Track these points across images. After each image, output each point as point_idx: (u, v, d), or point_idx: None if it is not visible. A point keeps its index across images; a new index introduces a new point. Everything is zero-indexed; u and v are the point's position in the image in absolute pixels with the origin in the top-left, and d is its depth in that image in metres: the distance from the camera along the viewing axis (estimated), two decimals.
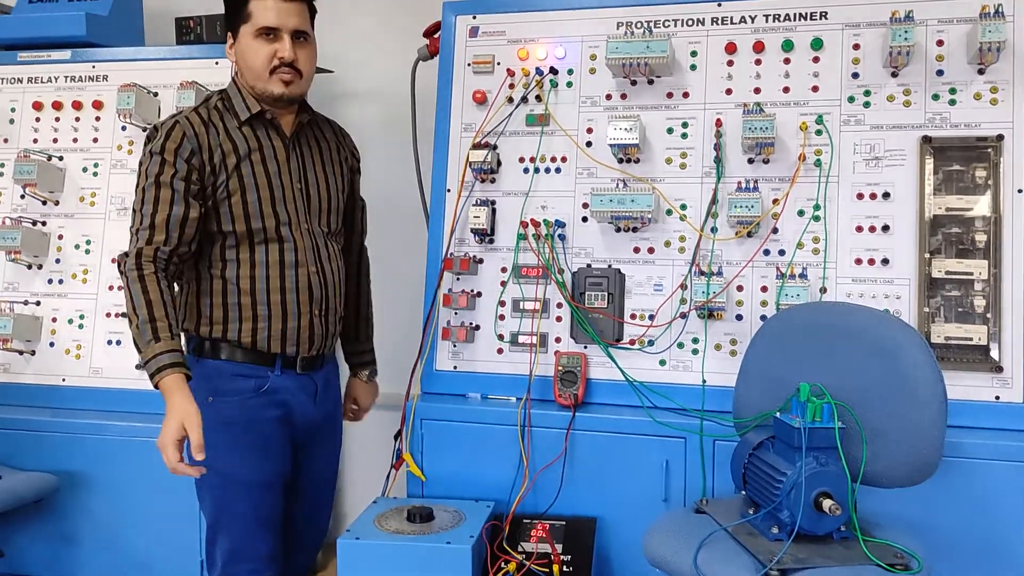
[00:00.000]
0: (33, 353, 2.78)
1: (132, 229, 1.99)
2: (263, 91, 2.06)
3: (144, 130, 2.80)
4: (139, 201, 1.99)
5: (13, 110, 2.93)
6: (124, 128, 2.83)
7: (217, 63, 2.79)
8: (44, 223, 2.84)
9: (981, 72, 2.27)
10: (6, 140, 2.92)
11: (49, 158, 2.83)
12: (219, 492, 2.04)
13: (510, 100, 2.58)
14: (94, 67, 2.90)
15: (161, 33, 3.19)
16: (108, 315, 2.76)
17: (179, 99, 2.70)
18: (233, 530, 2.05)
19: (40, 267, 2.83)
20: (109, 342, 2.75)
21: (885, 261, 2.30)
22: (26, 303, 2.80)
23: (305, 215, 2.12)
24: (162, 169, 1.97)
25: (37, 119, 2.91)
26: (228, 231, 2.03)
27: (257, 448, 2.05)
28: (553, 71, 2.56)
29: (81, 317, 2.78)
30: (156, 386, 1.88)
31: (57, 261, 2.82)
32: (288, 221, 2.08)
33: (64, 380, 2.75)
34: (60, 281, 2.81)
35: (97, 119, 2.88)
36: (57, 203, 2.85)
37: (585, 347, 2.47)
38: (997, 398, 2.19)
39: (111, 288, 2.77)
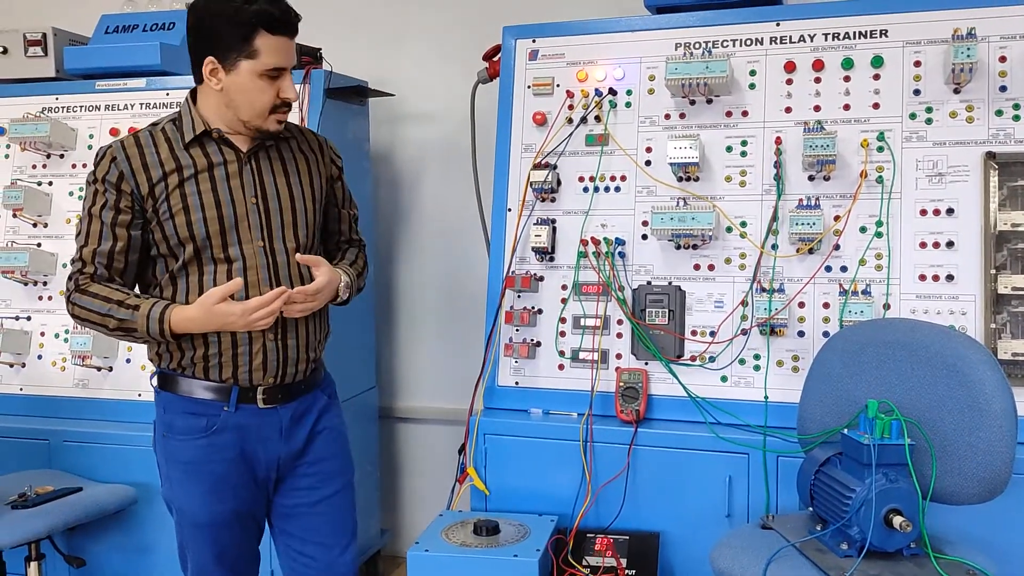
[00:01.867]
0: (111, 369, 2.89)
1: (71, 258, 1.96)
2: (257, 127, 1.95)
3: None
4: (76, 232, 1.95)
5: (91, 136, 3.06)
6: None
7: None
8: None
9: None
10: (85, 165, 3.05)
11: None
12: (179, 527, 2.03)
13: (569, 121, 2.63)
14: (168, 94, 3.02)
15: None
16: None
17: None
18: (195, 562, 2.04)
19: None
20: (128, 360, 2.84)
21: (950, 277, 2.29)
22: None
23: (262, 232, 1.96)
24: (94, 200, 1.92)
25: None
26: (173, 253, 1.93)
27: (208, 490, 1.95)
28: (612, 92, 2.61)
29: None
30: (173, 335, 1.88)
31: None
32: (238, 240, 1.94)
33: (140, 395, 2.85)
34: None
35: None
36: None
37: (646, 363, 2.50)
38: None
39: None
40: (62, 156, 3.07)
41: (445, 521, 2.39)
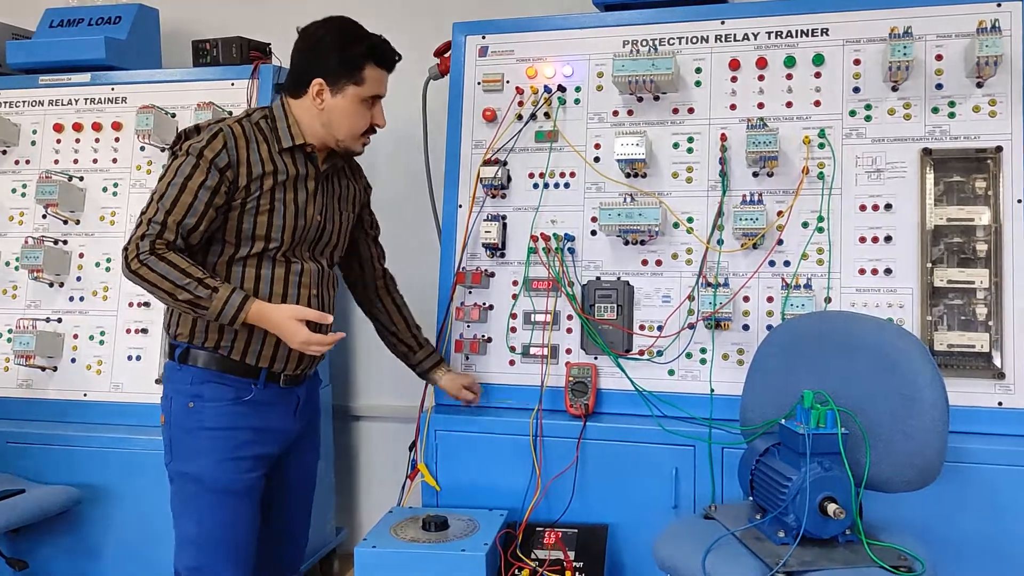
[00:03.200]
0: (55, 369, 2.85)
1: (144, 216, 1.98)
2: (347, 147, 2.16)
3: (162, 150, 2.88)
4: (159, 193, 1.98)
5: (35, 132, 3.01)
6: (143, 148, 2.91)
7: (232, 84, 2.87)
8: (65, 242, 2.91)
9: (979, 85, 2.33)
10: (28, 161, 3.00)
11: (70, 179, 2.91)
12: (189, 500, 2.06)
13: (519, 117, 2.64)
14: (113, 89, 2.98)
15: (178, 55, 3.28)
16: (128, 331, 2.82)
17: (196, 119, 2.76)
18: (204, 534, 2.04)
19: (62, 285, 2.90)
20: (129, 357, 2.81)
21: (888, 271, 2.35)
22: (48, 320, 2.87)
23: (312, 247, 2.16)
24: (191, 173, 1.97)
25: (58, 141, 2.99)
26: (243, 245, 2.05)
27: (233, 456, 2.05)
28: (561, 89, 2.63)
29: (102, 333, 2.84)
30: (245, 322, 1.97)
31: (78, 279, 2.89)
32: (300, 250, 2.12)
33: (86, 395, 2.82)
34: (81, 298, 2.88)
35: (116, 140, 2.95)
36: (78, 222, 2.93)
37: (595, 358, 2.52)
38: (1000, 404, 2.23)
39: (131, 305, 2.83)
40: (4, 152, 3.02)
41: (395, 518, 2.39)
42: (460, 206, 2.67)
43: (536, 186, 2.62)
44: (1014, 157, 2.28)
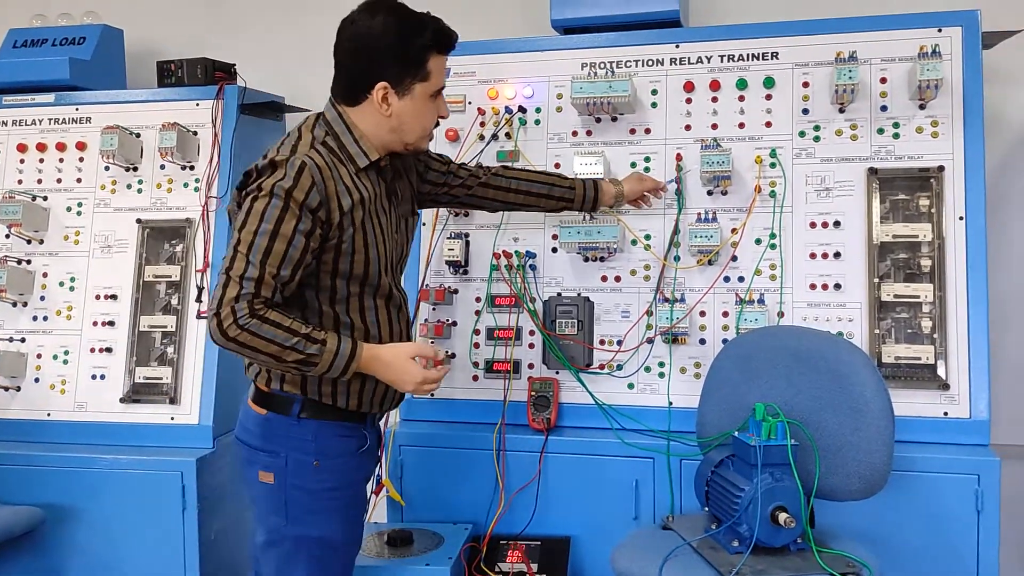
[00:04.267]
0: (19, 389, 2.84)
1: (233, 272, 1.72)
2: (417, 148, 1.98)
3: (127, 169, 2.89)
4: (247, 244, 1.72)
5: None
6: (107, 168, 2.91)
7: (197, 104, 2.89)
8: (29, 262, 2.91)
9: (922, 107, 2.42)
10: None
11: (33, 198, 2.91)
12: (318, 564, 1.89)
13: (481, 137, 2.70)
14: (77, 109, 2.99)
15: (143, 76, 3.29)
16: (92, 350, 2.82)
17: (161, 140, 2.79)
18: None
19: (25, 305, 2.90)
20: (93, 376, 2.81)
21: (837, 286, 2.43)
22: (11, 340, 2.87)
23: (395, 266, 2.00)
24: (281, 217, 1.72)
25: (22, 160, 2.99)
26: (340, 288, 1.86)
27: (356, 511, 1.97)
28: (522, 109, 2.69)
29: (66, 353, 2.84)
30: (358, 371, 1.82)
31: (42, 299, 2.89)
32: (391, 277, 1.95)
33: (49, 415, 2.81)
34: (45, 318, 2.88)
35: (81, 160, 2.96)
36: (42, 242, 2.93)
37: (557, 373, 2.57)
38: (945, 414, 2.32)
39: (95, 324, 2.83)
40: None
41: None
42: (424, 224, 2.71)
43: None
44: (955, 176, 2.38)
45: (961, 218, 2.36)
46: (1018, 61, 2.76)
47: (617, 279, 2.59)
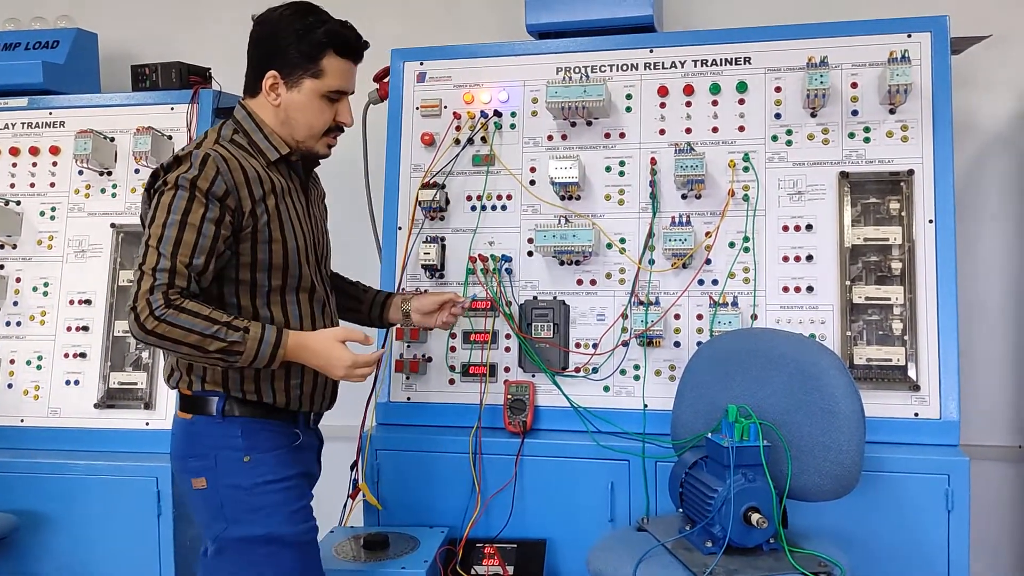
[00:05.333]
0: None
1: (146, 267, 1.72)
2: (307, 149, 1.96)
3: (101, 174, 2.88)
4: (156, 237, 1.73)
5: None
6: (81, 172, 2.90)
7: (172, 109, 2.88)
8: (2, 267, 2.89)
9: (892, 112, 2.45)
10: None
11: (7, 203, 2.89)
12: (267, 563, 1.83)
13: (457, 142, 2.70)
14: (51, 113, 2.97)
15: (117, 80, 3.28)
16: (66, 356, 2.80)
17: (135, 144, 2.78)
18: None
19: None
20: (67, 382, 2.79)
21: (810, 288, 2.45)
22: None
23: (319, 261, 2.01)
24: (189, 207, 1.73)
25: None
26: (260, 281, 1.85)
27: (297, 505, 1.90)
28: (497, 114, 2.69)
29: (39, 358, 2.82)
30: (283, 360, 1.79)
31: (15, 304, 2.87)
32: (315, 274, 1.96)
33: (23, 420, 2.79)
34: (18, 323, 2.86)
35: (54, 164, 2.94)
36: (15, 246, 2.90)
37: (533, 376, 2.58)
38: (916, 415, 2.35)
39: (69, 329, 2.82)
40: None
41: (336, 537, 2.41)
42: (400, 228, 2.72)
43: (474, 208, 2.68)
44: (925, 180, 2.41)
45: (931, 221, 2.39)
46: (986, 66, 2.80)
47: (593, 282, 2.60)
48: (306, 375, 1.92)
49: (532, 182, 2.66)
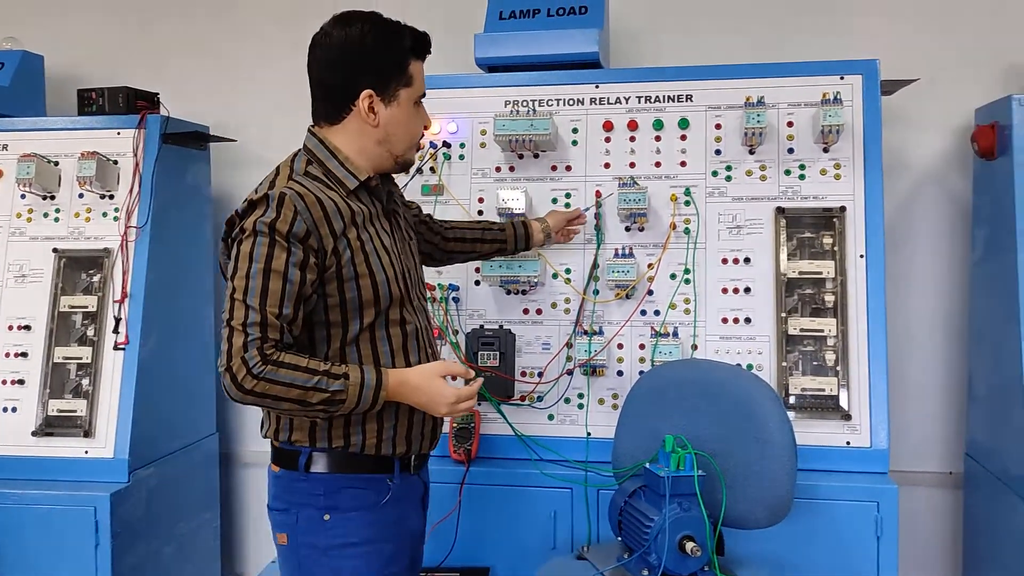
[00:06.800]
0: None
1: (234, 323, 1.63)
2: (407, 160, 1.89)
3: (44, 198, 2.85)
4: (241, 291, 1.63)
5: None
6: (23, 196, 2.86)
7: (119, 133, 2.86)
8: None
9: (826, 150, 2.55)
10: None
11: None
12: None
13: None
14: None
15: (63, 103, 3.25)
16: (4, 382, 2.75)
17: (80, 169, 2.75)
18: None
19: None
20: (4, 409, 2.74)
21: (748, 320, 2.52)
22: None
23: (413, 289, 1.89)
24: (271, 253, 1.64)
25: None
26: (352, 320, 1.75)
27: (386, 570, 1.81)
28: (446, 145, 2.74)
29: None
30: (384, 401, 1.72)
31: None
32: (402, 299, 1.82)
33: None
34: None
35: None
36: None
37: (479, 404, 2.61)
38: (848, 443, 2.42)
39: (7, 355, 2.76)
40: None
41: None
42: None
43: None
44: (856, 216, 2.50)
45: (862, 256, 2.48)
46: (916, 107, 2.92)
47: (538, 312, 2.64)
48: (400, 414, 1.81)
49: (480, 212, 2.70)
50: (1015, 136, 2.43)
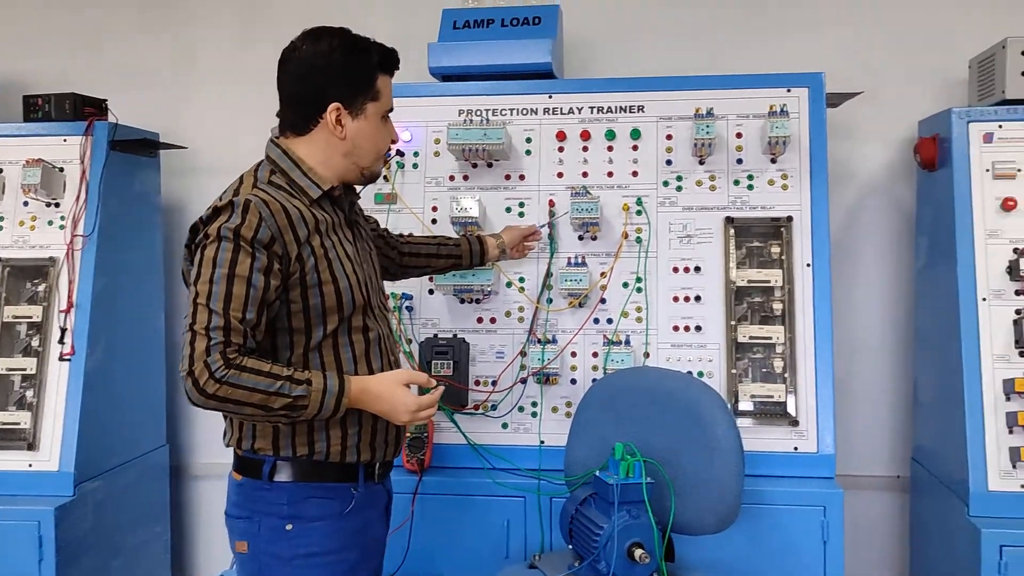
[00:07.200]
0: None
1: (196, 327, 1.62)
2: (373, 173, 1.93)
3: None
4: (204, 295, 1.64)
5: None
6: None
7: (65, 140, 2.81)
8: None
9: (773, 161, 2.60)
10: None
11: None
12: None
13: None
14: None
15: (8, 110, 3.18)
16: None
17: (24, 176, 2.70)
18: None
19: None
20: None
21: (698, 328, 2.55)
22: None
23: (375, 296, 1.91)
24: (235, 258, 1.65)
25: None
26: (316, 327, 1.76)
27: None
28: (400, 153, 2.73)
29: None
30: (347, 408, 1.73)
31: None
32: (364, 306, 1.85)
33: None
34: None
35: None
36: None
37: None
38: (795, 449, 2.46)
39: None
40: None
41: None
42: None
43: None
44: (803, 226, 2.55)
45: (808, 265, 2.53)
46: (862, 119, 2.99)
47: (492, 320, 2.65)
48: (364, 421, 1.82)
49: (434, 221, 2.70)
50: (955, 148, 2.50)
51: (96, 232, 2.73)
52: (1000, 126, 2.49)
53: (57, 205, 2.78)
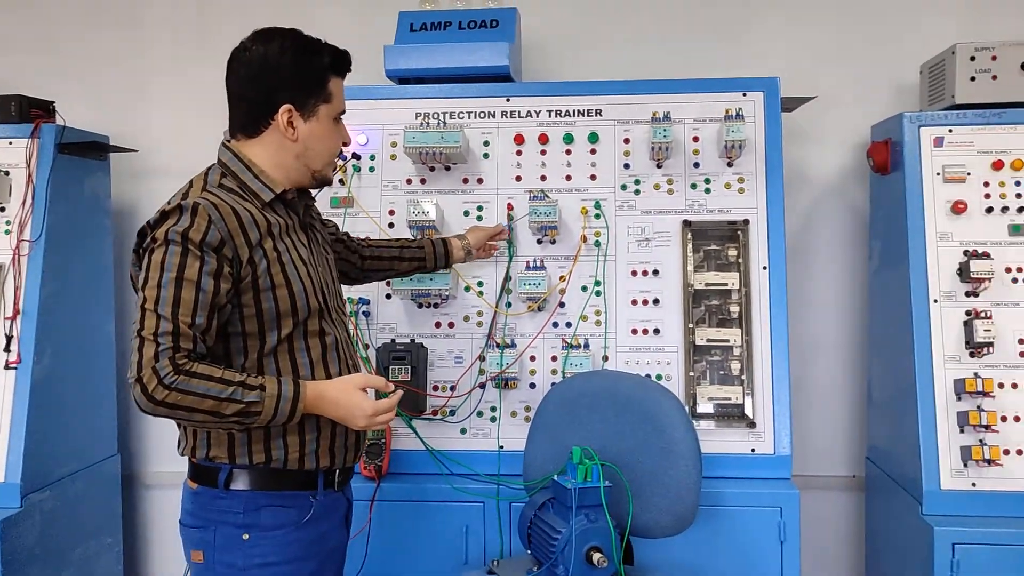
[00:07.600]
0: None
1: (144, 333, 1.59)
2: (324, 176, 1.89)
3: None
4: (152, 300, 1.60)
5: None
6: None
7: (10, 143, 2.73)
8: None
9: (730, 165, 2.61)
10: None
11: None
12: None
13: None
14: None
15: None
16: None
17: None
18: None
19: None
20: None
21: (657, 331, 2.56)
22: None
23: (332, 300, 1.89)
24: (184, 261, 1.62)
25: None
26: (270, 332, 1.73)
27: None
28: (356, 156, 2.71)
29: None
30: (302, 414, 1.70)
31: None
32: (321, 310, 1.82)
33: None
34: None
35: None
36: None
37: None
38: (753, 450, 2.48)
39: None
40: None
41: None
42: None
43: None
44: (759, 229, 2.57)
45: (764, 268, 2.55)
46: (816, 123, 3.03)
47: (451, 325, 2.63)
48: (322, 427, 1.79)
49: (391, 225, 2.68)
50: (906, 152, 2.54)
51: (43, 237, 2.66)
52: (950, 130, 2.53)
53: (3, 209, 2.70)
